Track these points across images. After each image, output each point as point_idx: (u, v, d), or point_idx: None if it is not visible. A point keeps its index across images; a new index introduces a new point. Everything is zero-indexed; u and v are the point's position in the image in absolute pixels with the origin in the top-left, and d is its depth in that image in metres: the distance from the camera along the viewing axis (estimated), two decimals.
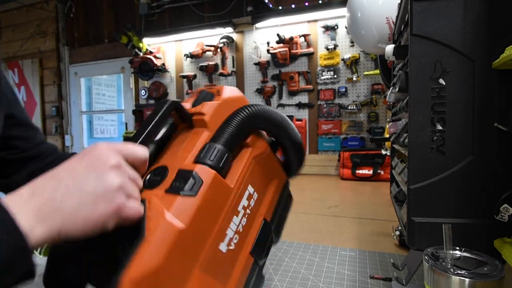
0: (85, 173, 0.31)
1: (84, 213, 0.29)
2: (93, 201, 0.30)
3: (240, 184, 0.42)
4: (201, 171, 0.37)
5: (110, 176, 0.31)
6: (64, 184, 0.30)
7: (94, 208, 0.30)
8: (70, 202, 0.29)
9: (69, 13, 3.68)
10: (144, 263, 0.29)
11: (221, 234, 0.39)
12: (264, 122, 0.46)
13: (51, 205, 0.28)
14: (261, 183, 0.47)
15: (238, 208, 0.41)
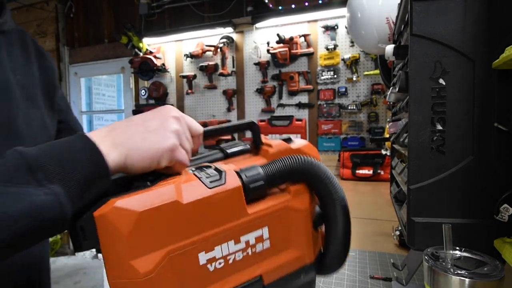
0: (151, 117, 0.38)
1: (146, 146, 0.36)
2: (154, 137, 0.37)
3: (257, 218, 0.39)
4: (230, 177, 0.38)
5: (170, 121, 0.38)
6: (134, 123, 0.38)
7: (153, 143, 0.36)
8: (136, 137, 0.36)
9: (69, 13, 3.68)
10: (132, 203, 0.33)
11: (209, 244, 0.37)
12: (317, 183, 0.42)
13: (123, 138, 0.36)
14: (281, 238, 0.42)
15: (241, 238, 0.39)
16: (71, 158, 0.32)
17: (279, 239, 0.41)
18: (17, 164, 0.30)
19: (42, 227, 0.30)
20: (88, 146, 0.34)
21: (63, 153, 0.32)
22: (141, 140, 0.36)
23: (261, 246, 0.40)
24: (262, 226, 0.40)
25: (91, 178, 0.33)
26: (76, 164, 0.32)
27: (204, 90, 3.11)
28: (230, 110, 3.01)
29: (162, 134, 0.37)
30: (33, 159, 0.30)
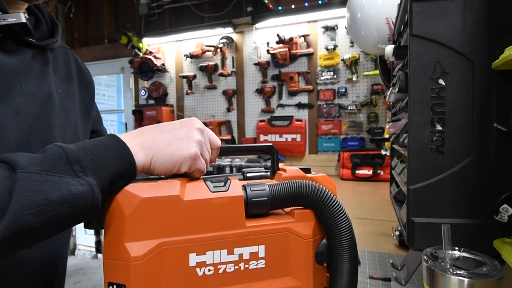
0: (178, 127, 0.43)
1: (170, 151, 0.40)
2: (178, 145, 0.41)
3: (254, 233, 0.39)
4: (234, 186, 0.40)
5: (194, 132, 0.42)
6: (162, 130, 0.42)
7: (178, 150, 0.40)
8: (163, 142, 0.40)
9: (69, 13, 3.68)
10: (139, 188, 0.36)
11: (202, 247, 0.37)
12: (324, 211, 0.41)
13: (151, 141, 0.40)
14: (277, 261, 0.40)
15: (235, 249, 0.38)
16: (104, 154, 0.36)
17: (275, 262, 0.40)
18: (57, 156, 0.34)
19: (76, 213, 0.33)
20: (120, 145, 0.38)
21: (97, 149, 0.36)
22: (167, 146, 0.40)
23: (255, 264, 0.39)
24: (259, 243, 0.39)
25: (120, 173, 0.36)
26: (108, 160, 0.36)
27: (204, 90, 3.11)
28: (230, 110, 3.01)
29: (186, 142, 0.41)
30: (71, 153, 0.34)
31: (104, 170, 0.35)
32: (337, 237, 0.41)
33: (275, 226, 0.40)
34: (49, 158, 0.34)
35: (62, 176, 0.33)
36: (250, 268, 0.39)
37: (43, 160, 0.33)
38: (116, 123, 4.56)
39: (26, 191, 0.31)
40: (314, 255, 0.41)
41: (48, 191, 0.32)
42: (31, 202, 0.30)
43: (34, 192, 0.31)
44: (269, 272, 0.40)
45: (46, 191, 0.31)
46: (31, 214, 0.30)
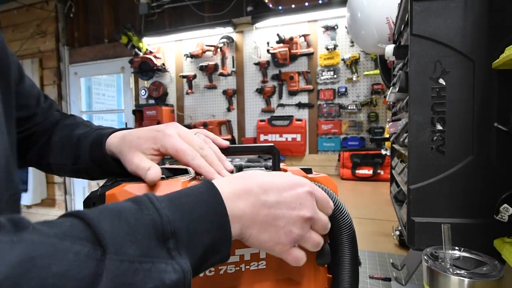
0: (281, 214, 0.35)
1: (264, 238, 0.35)
2: (275, 235, 0.35)
3: None
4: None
5: (296, 225, 0.36)
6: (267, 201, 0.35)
7: (270, 241, 0.35)
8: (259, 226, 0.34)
9: (69, 13, 3.68)
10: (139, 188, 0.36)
11: None
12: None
13: (252, 215, 0.34)
14: (278, 262, 0.39)
15: (236, 251, 0.38)
16: (202, 223, 0.30)
17: (276, 263, 0.40)
18: (153, 230, 0.28)
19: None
20: (220, 212, 0.32)
21: (195, 214, 0.30)
22: (263, 230, 0.34)
23: (256, 265, 0.39)
24: None
25: (213, 247, 0.31)
26: (205, 231, 0.30)
27: (204, 90, 3.11)
28: (230, 110, 3.01)
29: (283, 234, 0.35)
30: (167, 224, 0.28)
31: (198, 246, 0.30)
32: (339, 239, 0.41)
33: None
34: (144, 231, 0.27)
35: (155, 261, 0.27)
36: (251, 269, 0.39)
37: (137, 233, 0.27)
38: (116, 123, 4.56)
39: (115, 285, 0.24)
40: (315, 256, 0.41)
41: (139, 284, 0.26)
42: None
43: (124, 286, 0.25)
44: (270, 273, 0.40)
45: (137, 284, 0.26)
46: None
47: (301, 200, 0.36)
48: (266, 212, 0.35)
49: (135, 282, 0.25)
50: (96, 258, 0.24)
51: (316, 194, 0.38)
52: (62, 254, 0.23)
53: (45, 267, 0.21)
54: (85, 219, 0.26)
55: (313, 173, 0.46)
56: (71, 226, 0.25)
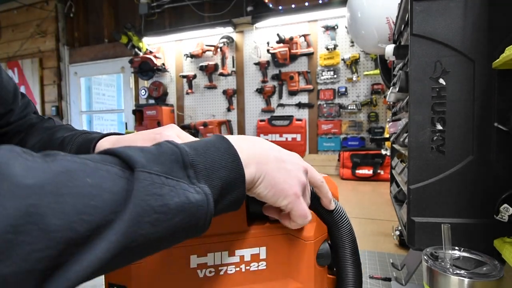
0: (287, 158, 0.37)
1: (280, 177, 0.35)
2: (288, 175, 0.36)
3: (255, 235, 0.38)
4: None
5: (301, 172, 0.37)
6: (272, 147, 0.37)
7: (287, 179, 0.36)
8: (273, 164, 0.36)
9: (69, 13, 3.68)
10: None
11: (203, 248, 0.37)
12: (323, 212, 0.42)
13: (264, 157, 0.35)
14: (279, 263, 0.40)
15: (236, 252, 0.38)
16: (215, 160, 0.32)
17: (276, 264, 0.40)
18: (174, 157, 0.30)
19: (190, 226, 0.29)
20: (231, 152, 0.33)
21: (208, 153, 0.32)
22: (277, 170, 0.35)
23: (256, 265, 0.39)
24: (260, 245, 0.39)
25: (229, 184, 0.32)
26: (219, 167, 0.32)
27: (204, 90, 3.11)
28: (230, 110, 3.01)
29: (294, 177, 0.36)
30: (186, 155, 0.30)
31: (215, 179, 0.31)
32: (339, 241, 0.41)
33: (276, 228, 0.40)
34: (166, 157, 0.29)
35: (179, 181, 0.29)
36: (251, 269, 0.39)
37: (160, 158, 0.29)
38: (116, 123, 4.56)
39: (146, 194, 0.26)
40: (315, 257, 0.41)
41: (167, 197, 0.27)
42: (149, 208, 0.26)
43: (154, 196, 0.26)
44: (270, 274, 0.40)
45: (165, 197, 0.27)
46: (148, 223, 0.26)
47: (295, 156, 0.39)
48: (276, 154, 0.36)
49: (164, 194, 0.27)
50: (126, 177, 0.26)
51: (312, 173, 0.40)
52: (95, 170, 0.25)
53: (81, 178, 0.24)
54: (111, 150, 0.28)
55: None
56: (99, 154, 0.27)
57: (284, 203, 0.36)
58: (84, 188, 0.23)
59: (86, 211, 0.23)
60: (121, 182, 0.25)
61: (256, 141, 0.37)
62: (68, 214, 0.22)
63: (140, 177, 0.26)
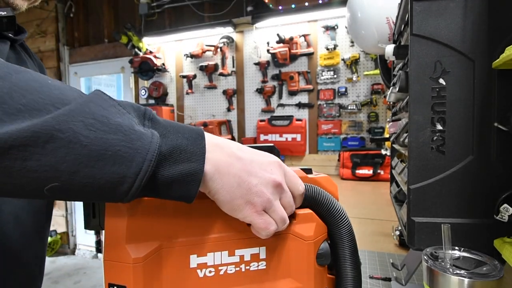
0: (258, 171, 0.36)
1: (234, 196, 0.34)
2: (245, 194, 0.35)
3: (255, 235, 0.38)
4: None
5: (267, 188, 0.36)
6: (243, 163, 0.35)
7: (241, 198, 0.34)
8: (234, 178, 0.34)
9: (69, 13, 3.68)
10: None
11: (203, 248, 0.37)
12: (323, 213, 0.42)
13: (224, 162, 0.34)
14: (279, 263, 0.40)
15: (236, 252, 0.38)
16: (178, 128, 0.33)
17: (276, 264, 0.40)
18: (136, 106, 0.32)
19: (124, 158, 0.27)
20: (199, 134, 0.34)
21: (175, 125, 0.33)
22: (237, 185, 0.34)
23: (256, 265, 0.39)
24: (260, 245, 0.39)
25: (185, 151, 0.31)
26: (180, 135, 0.32)
27: (204, 90, 3.11)
28: (230, 110, 3.01)
29: (255, 193, 0.35)
30: (149, 111, 0.32)
31: (169, 137, 0.31)
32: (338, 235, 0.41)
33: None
34: (127, 103, 0.31)
35: (131, 114, 0.30)
36: (251, 269, 0.39)
37: (123, 102, 0.31)
38: None
39: (90, 101, 0.28)
40: (315, 256, 0.41)
41: (111, 113, 0.28)
42: (89, 111, 0.27)
43: (97, 106, 0.28)
44: (270, 274, 0.40)
45: (109, 111, 0.28)
46: (82, 122, 0.26)
47: (272, 166, 0.37)
48: (241, 165, 0.35)
49: (108, 110, 0.28)
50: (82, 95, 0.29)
51: (285, 168, 0.39)
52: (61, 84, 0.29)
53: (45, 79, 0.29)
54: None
55: (314, 173, 0.46)
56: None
57: (240, 217, 0.35)
58: (41, 79, 0.27)
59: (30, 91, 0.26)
60: (75, 92, 0.28)
61: (228, 145, 0.36)
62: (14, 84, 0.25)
63: (95, 92, 0.29)
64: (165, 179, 0.30)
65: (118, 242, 0.34)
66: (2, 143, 0.24)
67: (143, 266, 0.34)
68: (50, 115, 0.25)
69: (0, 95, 0.24)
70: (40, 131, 0.25)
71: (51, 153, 0.25)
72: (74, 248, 3.76)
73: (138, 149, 0.28)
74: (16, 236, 0.51)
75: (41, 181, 0.26)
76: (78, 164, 0.26)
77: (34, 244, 0.56)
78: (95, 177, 0.27)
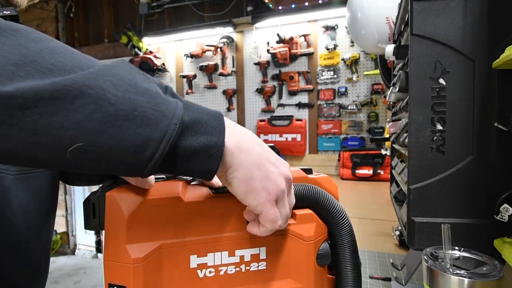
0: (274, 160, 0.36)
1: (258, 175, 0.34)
2: (266, 175, 0.34)
3: (255, 235, 0.38)
4: None
5: (282, 179, 0.36)
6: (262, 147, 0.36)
7: (260, 182, 0.34)
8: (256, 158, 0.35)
9: (69, 13, 3.68)
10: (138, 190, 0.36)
11: (203, 249, 0.37)
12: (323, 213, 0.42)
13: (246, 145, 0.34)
14: (279, 263, 0.40)
15: (236, 252, 0.38)
16: (200, 108, 0.33)
17: (276, 264, 0.40)
18: (158, 83, 0.32)
19: (150, 120, 0.27)
20: (218, 114, 0.34)
21: (195, 105, 0.34)
22: (257, 166, 0.34)
23: (256, 265, 0.39)
24: (260, 245, 0.39)
25: (206, 124, 0.31)
26: (201, 110, 0.33)
27: (204, 90, 3.11)
28: (230, 110, 3.01)
29: (272, 180, 0.35)
30: (170, 88, 0.33)
31: (191, 110, 0.31)
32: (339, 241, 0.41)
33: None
34: (150, 79, 0.32)
35: (155, 83, 0.31)
36: (251, 270, 0.39)
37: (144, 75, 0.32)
38: None
39: (118, 66, 0.28)
40: (315, 257, 0.41)
41: (138, 78, 0.29)
42: (116, 73, 0.28)
43: (125, 71, 0.28)
44: (270, 274, 0.40)
45: (136, 77, 0.29)
46: (110, 82, 0.27)
47: (283, 164, 0.38)
48: (260, 150, 0.35)
49: (135, 76, 0.29)
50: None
51: (292, 190, 0.40)
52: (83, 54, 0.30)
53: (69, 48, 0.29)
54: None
55: (314, 174, 0.46)
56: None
57: (253, 203, 0.34)
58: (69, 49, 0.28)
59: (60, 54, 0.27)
60: (103, 62, 0.28)
61: (248, 132, 0.37)
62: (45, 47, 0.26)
63: (122, 61, 0.30)
64: (187, 149, 0.30)
65: (118, 242, 0.34)
66: (31, 95, 0.24)
67: (143, 266, 0.34)
68: (79, 73, 0.26)
69: (31, 55, 0.25)
70: (71, 85, 0.25)
71: (79, 109, 0.25)
72: (74, 248, 3.76)
73: (164, 112, 0.28)
74: (23, 229, 0.51)
75: (66, 140, 0.25)
76: (104, 123, 0.26)
77: (41, 237, 0.57)
78: (120, 138, 0.27)
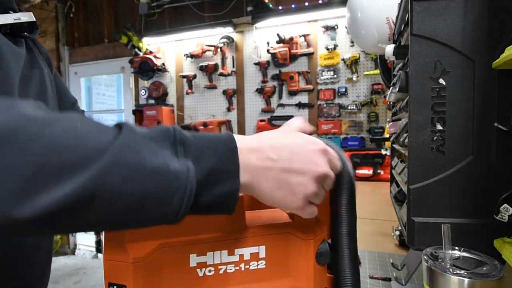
0: (297, 169, 0.35)
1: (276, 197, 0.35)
2: (287, 193, 0.35)
3: (255, 234, 0.38)
4: None
5: (311, 182, 0.35)
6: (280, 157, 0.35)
7: (284, 199, 0.35)
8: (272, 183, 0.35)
9: (69, 13, 3.68)
10: None
11: (202, 247, 0.37)
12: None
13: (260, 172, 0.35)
14: (278, 262, 0.40)
15: (236, 251, 0.38)
16: (212, 147, 0.32)
17: (276, 263, 0.40)
18: (165, 131, 0.31)
19: (163, 197, 0.29)
20: (230, 145, 0.33)
21: (206, 139, 0.33)
22: (277, 187, 0.35)
23: (255, 264, 0.39)
24: (260, 244, 0.39)
25: (220, 172, 0.31)
26: (212, 152, 0.32)
27: (204, 90, 3.11)
28: (230, 110, 3.01)
29: (298, 192, 0.35)
30: (178, 133, 0.31)
31: (203, 161, 0.31)
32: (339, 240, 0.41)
33: (276, 227, 0.40)
34: (157, 130, 0.31)
35: (164, 147, 0.30)
36: (251, 268, 0.39)
37: (152, 131, 0.31)
38: None
39: (123, 147, 0.27)
40: (315, 256, 0.41)
41: (144, 156, 0.28)
42: (123, 162, 0.27)
43: (130, 151, 0.27)
44: (270, 273, 0.40)
45: (142, 155, 0.28)
46: (119, 175, 0.26)
47: (314, 158, 0.36)
48: (278, 167, 0.35)
49: (141, 152, 0.28)
50: (113, 135, 0.28)
51: (329, 152, 0.38)
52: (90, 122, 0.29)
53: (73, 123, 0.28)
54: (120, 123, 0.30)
55: None
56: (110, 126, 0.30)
57: (287, 210, 0.37)
58: (71, 128, 0.27)
59: (65, 147, 0.26)
60: (107, 136, 0.27)
61: (262, 148, 0.35)
62: (48, 144, 0.25)
63: (125, 133, 0.28)
64: (204, 205, 0.31)
65: (118, 241, 0.34)
66: (48, 213, 0.25)
67: (143, 266, 0.34)
68: (88, 173, 0.25)
69: (37, 160, 0.24)
70: (82, 193, 0.25)
71: (95, 210, 0.27)
72: (74, 248, 3.76)
73: (176, 190, 0.29)
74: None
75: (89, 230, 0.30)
76: (122, 215, 0.28)
77: (44, 241, 0.58)
78: (139, 220, 0.30)
